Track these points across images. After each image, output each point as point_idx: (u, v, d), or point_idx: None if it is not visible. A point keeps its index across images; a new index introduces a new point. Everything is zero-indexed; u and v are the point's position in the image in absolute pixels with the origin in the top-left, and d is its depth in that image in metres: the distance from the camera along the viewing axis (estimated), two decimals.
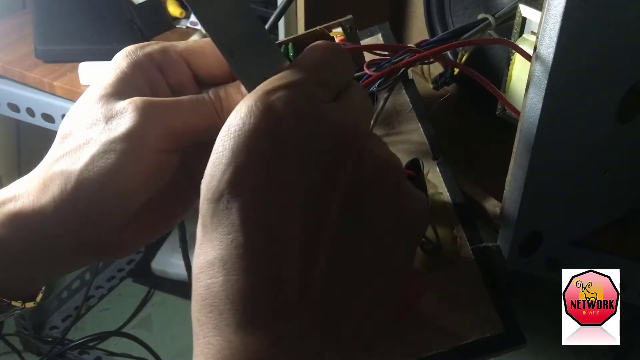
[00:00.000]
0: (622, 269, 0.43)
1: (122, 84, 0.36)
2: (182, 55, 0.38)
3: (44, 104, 0.89)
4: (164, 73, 0.37)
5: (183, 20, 1.04)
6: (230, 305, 0.27)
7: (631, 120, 0.46)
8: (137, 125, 0.34)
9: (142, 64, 0.37)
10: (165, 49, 0.37)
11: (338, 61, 0.33)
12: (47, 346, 1.28)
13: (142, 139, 0.34)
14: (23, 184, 0.36)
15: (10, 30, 1.00)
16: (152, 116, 0.34)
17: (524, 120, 0.40)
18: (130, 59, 0.36)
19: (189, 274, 0.62)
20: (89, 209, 0.34)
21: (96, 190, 0.34)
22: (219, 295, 0.27)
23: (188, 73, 0.38)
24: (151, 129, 0.34)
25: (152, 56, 0.37)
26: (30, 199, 0.35)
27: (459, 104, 0.66)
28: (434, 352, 0.41)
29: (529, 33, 0.52)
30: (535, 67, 0.38)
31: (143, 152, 0.34)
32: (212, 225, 0.28)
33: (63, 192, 0.34)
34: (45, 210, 0.34)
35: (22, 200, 0.35)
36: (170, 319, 1.40)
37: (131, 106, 0.34)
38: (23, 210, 0.35)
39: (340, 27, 0.46)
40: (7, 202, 0.35)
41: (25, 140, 1.24)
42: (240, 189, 0.28)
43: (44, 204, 0.34)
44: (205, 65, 0.38)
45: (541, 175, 0.42)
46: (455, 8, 0.64)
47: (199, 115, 0.36)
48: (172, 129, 0.35)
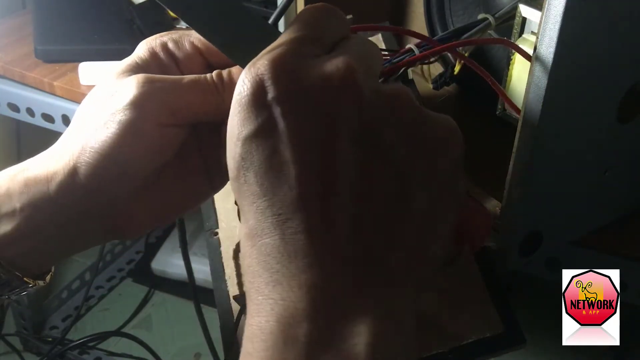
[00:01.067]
0: (622, 269, 0.43)
1: (135, 68, 0.38)
2: (194, 45, 0.39)
3: (44, 104, 0.89)
4: (177, 62, 0.39)
5: None
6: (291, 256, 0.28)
7: (631, 120, 0.46)
8: (136, 98, 0.36)
9: (156, 52, 0.39)
10: (180, 40, 0.39)
11: (328, 17, 0.34)
12: (47, 346, 1.28)
13: (140, 111, 0.36)
14: (45, 153, 0.39)
15: (10, 30, 0.99)
16: (151, 90, 0.36)
17: (524, 120, 0.40)
18: (148, 46, 0.39)
19: (189, 274, 0.62)
20: (92, 178, 0.36)
21: (97, 159, 0.36)
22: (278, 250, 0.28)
23: (201, 62, 0.39)
24: (150, 102, 0.36)
25: (166, 45, 0.39)
26: (39, 167, 0.37)
27: (459, 104, 0.66)
28: (434, 352, 0.41)
29: (529, 33, 0.52)
30: (535, 67, 0.38)
31: (142, 124, 0.36)
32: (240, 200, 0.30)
33: (71, 162, 0.36)
34: (55, 179, 0.36)
35: (33, 169, 0.37)
36: (170, 319, 1.40)
37: (132, 81, 0.36)
38: (37, 177, 0.37)
39: None
40: (21, 171, 0.38)
41: (25, 140, 1.23)
42: (250, 160, 0.29)
43: (54, 173, 0.36)
44: (217, 55, 0.39)
45: (541, 175, 0.42)
46: (455, 8, 0.64)
47: (198, 93, 0.37)
48: (170, 104, 0.36)
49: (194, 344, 1.32)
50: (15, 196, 0.37)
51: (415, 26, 0.72)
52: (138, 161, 0.36)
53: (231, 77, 0.37)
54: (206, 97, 0.37)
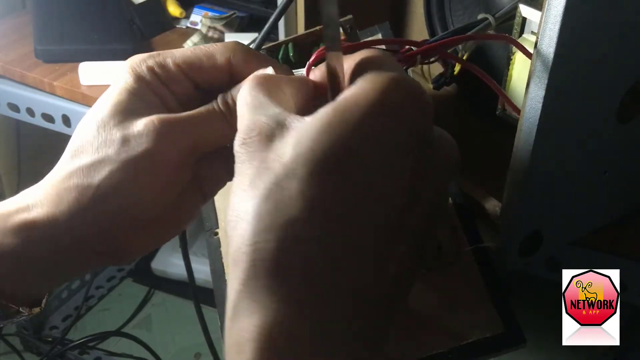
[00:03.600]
0: (622, 269, 0.43)
1: (134, 99, 0.37)
2: (180, 67, 0.38)
3: (44, 104, 0.89)
4: (168, 86, 0.38)
5: (183, 20, 1.04)
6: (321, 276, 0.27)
7: (631, 120, 0.46)
8: (155, 146, 0.35)
9: (147, 79, 0.37)
10: (164, 62, 0.38)
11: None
12: (47, 346, 1.28)
13: (159, 159, 0.35)
14: (33, 194, 0.37)
15: (10, 30, 0.99)
16: (170, 136, 0.35)
17: (524, 121, 0.40)
18: (136, 74, 0.37)
19: (189, 274, 0.62)
20: (104, 221, 0.36)
21: (112, 204, 0.35)
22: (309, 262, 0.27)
23: (189, 84, 0.38)
24: (169, 149, 0.35)
25: (154, 70, 0.38)
26: (44, 209, 0.36)
27: (459, 104, 0.66)
28: (434, 352, 0.41)
29: (529, 33, 0.52)
30: (536, 67, 0.38)
31: (159, 169, 0.35)
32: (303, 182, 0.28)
33: (80, 204, 0.35)
34: (60, 221, 0.35)
35: (36, 210, 0.36)
36: (170, 319, 1.40)
37: (149, 127, 0.35)
38: (37, 220, 0.35)
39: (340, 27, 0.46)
40: (20, 211, 0.36)
41: (25, 140, 1.23)
42: None
43: (59, 215, 0.35)
44: (203, 74, 0.38)
45: (541, 175, 0.42)
46: (455, 8, 0.64)
47: (214, 128, 0.37)
48: (189, 146, 0.36)
49: (194, 344, 1.32)
50: (8, 237, 0.35)
51: (415, 26, 0.72)
52: (152, 202, 0.36)
53: (234, 100, 0.37)
54: (219, 127, 0.37)
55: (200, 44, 0.94)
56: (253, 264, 0.27)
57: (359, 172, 0.28)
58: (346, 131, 0.28)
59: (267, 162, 0.28)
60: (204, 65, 0.38)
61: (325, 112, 0.29)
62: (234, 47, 0.38)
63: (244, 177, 0.29)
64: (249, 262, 0.27)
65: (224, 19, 0.97)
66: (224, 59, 0.38)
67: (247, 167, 0.29)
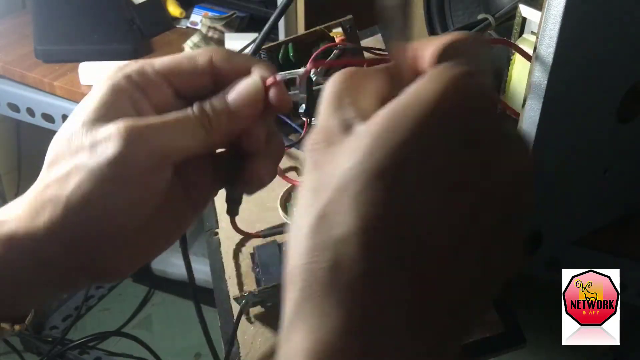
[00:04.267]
0: (622, 269, 0.43)
1: (105, 107, 0.35)
2: (160, 74, 0.37)
3: (44, 104, 0.89)
4: (145, 93, 0.37)
5: (183, 20, 1.04)
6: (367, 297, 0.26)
7: (631, 120, 0.46)
8: (122, 151, 0.33)
9: (121, 86, 0.36)
10: (142, 69, 0.37)
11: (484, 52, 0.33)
12: (47, 346, 1.28)
13: (127, 164, 0.34)
14: (13, 208, 0.36)
15: (10, 30, 1.00)
16: (137, 141, 0.34)
17: (524, 120, 0.40)
18: (110, 82, 0.36)
19: (189, 274, 0.61)
20: (80, 233, 0.34)
21: (84, 215, 0.34)
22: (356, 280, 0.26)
23: (168, 90, 0.37)
24: (137, 154, 0.34)
25: (131, 77, 0.37)
26: (22, 223, 0.35)
27: None
28: None
29: (529, 33, 0.52)
30: (535, 67, 0.38)
31: (129, 176, 0.34)
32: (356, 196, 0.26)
33: (53, 217, 0.34)
34: (37, 234, 0.34)
35: (15, 224, 0.35)
36: (170, 319, 1.40)
37: (115, 131, 0.34)
38: (15, 234, 0.35)
39: (340, 27, 0.46)
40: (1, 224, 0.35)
41: (25, 140, 1.23)
42: None
43: (36, 228, 0.34)
44: (184, 80, 0.37)
45: (541, 175, 0.42)
46: (455, 8, 0.64)
47: (186, 133, 0.35)
48: (158, 151, 0.34)
49: (194, 344, 1.32)
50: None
51: (415, 26, 0.72)
52: (126, 212, 0.35)
53: (214, 108, 0.36)
54: (193, 134, 0.35)
55: (200, 44, 0.94)
56: (306, 284, 0.26)
57: (411, 184, 0.26)
58: (398, 140, 0.26)
59: (325, 174, 0.27)
60: (185, 69, 0.37)
61: (381, 115, 0.27)
62: (215, 49, 0.38)
63: (305, 188, 0.28)
64: (303, 282, 0.27)
65: (224, 19, 0.97)
66: (205, 59, 0.37)
67: (309, 176, 0.28)
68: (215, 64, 0.37)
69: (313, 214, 0.27)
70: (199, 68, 0.37)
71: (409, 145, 0.26)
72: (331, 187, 0.26)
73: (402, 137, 0.26)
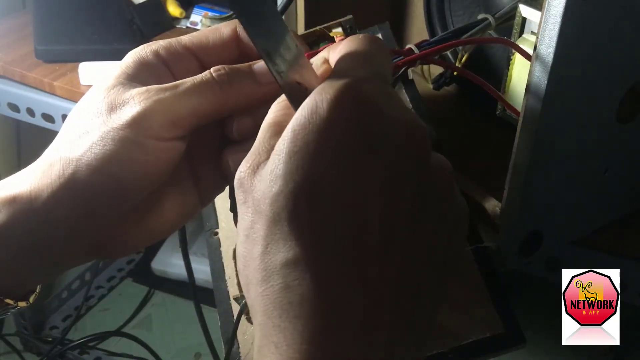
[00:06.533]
0: (622, 269, 0.43)
1: (127, 77, 0.36)
2: (187, 48, 0.38)
3: (44, 104, 0.89)
4: (171, 68, 0.38)
5: (183, 20, 1.04)
6: (322, 306, 0.27)
7: (631, 120, 0.46)
8: (139, 112, 0.34)
9: (147, 59, 0.37)
10: (170, 44, 0.38)
11: (382, 53, 0.32)
12: (47, 346, 1.28)
13: (143, 126, 0.34)
14: (22, 171, 0.36)
15: (10, 30, 1.00)
16: (151, 103, 0.34)
17: (524, 120, 0.40)
18: (137, 56, 0.37)
19: (189, 274, 0.61)
20: (86, 196, 0.34)
21: (93, 177, 0.34)
22: (307, 296, 0.27)
23: (195, 65, 0.38)
24: (151, 116, 0.34)
25: (158, 52, 0.37)
26: (27, 183, 0.34)
27: (459, 104, 0.66)
28: (434, 352, 0.41)
29: (529, 33, 0.52)
30: (535, 67, 0.38)
31: (143, 140, 0.34)
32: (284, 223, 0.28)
33: (61, 178, 0.34)
34: (42, 195, 0.34)
35: (20, 185, 0.34)
36: (170, 319, 1.40)
37: (134, 93, 0.34)
38: (19, 195, 0.34)
39: (340, 27, 0.46)
40: (5, 186, 0.35)
41: (25, 140, 1.23)
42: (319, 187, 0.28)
43: (41, 188, 0.34)
44: (211, 53, 0.38)
45: (541, 175, 0.42)
46: (455, 8, 0.64)
47: (200, 95, 0.35)
48: (175, 114, 0.34)
49: (194, 344, 1.32)
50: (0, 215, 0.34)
51: (415, 26, 0.72)
52: (136, 180, 0.34)
53: (231, 71, 0.36)
54: (208, 97, 0.35)
55: None
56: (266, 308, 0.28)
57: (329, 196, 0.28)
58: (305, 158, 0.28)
59: (256, 202, 0.29)
60: (211, 41, 0.38)
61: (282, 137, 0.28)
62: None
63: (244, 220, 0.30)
64: (263, 307, 0.28)
65: (224, 19, 0.97)
66: (230, 30, 0.37)
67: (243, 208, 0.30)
68: (240, 35, 0.38)
69: (259, 245, 0.28)
70: (225, 39, 0.38)
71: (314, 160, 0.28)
72: (266, 218, 0.28)
73: (305, 156, 0.28)
